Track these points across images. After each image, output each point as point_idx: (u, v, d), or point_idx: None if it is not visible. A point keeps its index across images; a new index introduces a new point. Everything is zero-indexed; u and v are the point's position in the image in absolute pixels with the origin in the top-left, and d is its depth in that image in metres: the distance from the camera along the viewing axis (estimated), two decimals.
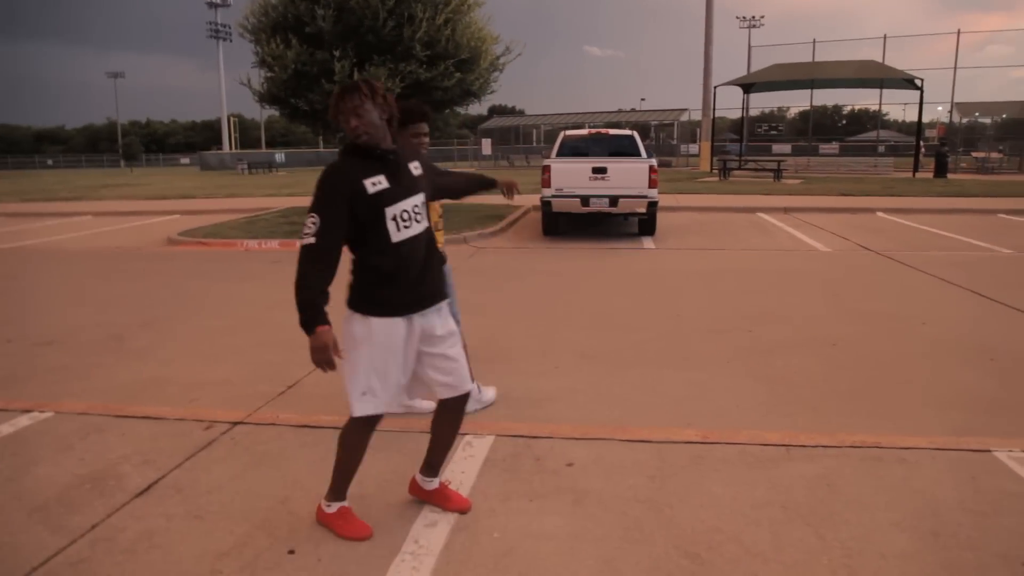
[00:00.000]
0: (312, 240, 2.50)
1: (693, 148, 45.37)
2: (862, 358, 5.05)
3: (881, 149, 45.36)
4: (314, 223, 2.50)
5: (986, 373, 4.66)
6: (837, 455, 3.44)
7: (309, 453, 3.56)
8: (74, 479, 3.28)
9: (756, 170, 27.67)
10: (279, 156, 52.13)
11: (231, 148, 66.37)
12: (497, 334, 5.81)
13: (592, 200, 10.81)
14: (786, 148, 40.85)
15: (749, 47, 37.83)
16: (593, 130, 12.82)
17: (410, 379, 2.76)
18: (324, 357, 2.50)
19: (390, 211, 2.57)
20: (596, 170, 10.79)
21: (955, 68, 32.39)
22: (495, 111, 68.56)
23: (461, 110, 15.75)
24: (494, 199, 17.81)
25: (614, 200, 10.77)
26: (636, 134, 12.10)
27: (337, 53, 11.63)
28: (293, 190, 24.43)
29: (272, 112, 14.60)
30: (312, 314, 2.49)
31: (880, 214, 14.77)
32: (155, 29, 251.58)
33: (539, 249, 10.54)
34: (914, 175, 26.77)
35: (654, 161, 11.10)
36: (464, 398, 2.83)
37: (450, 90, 12.78)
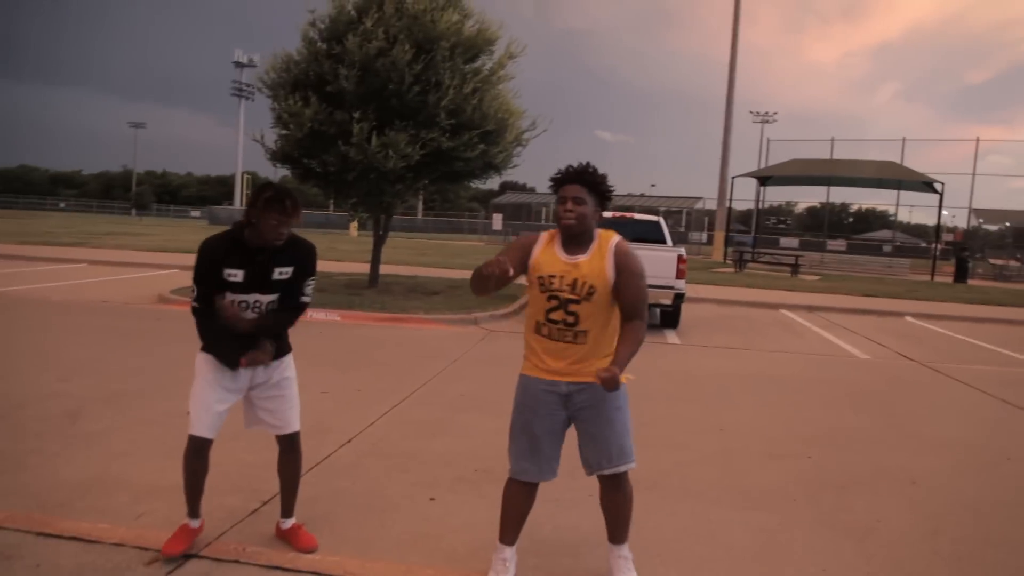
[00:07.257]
0: None
1: (702, 236, 45.29)
2: (954, 504, 4.21)
3: (888, 248, 45.14)
4: None
5: None
6: None
7: None
8: None
9: (772, 264, 27.18)
10: None
11: (243, 204, 66.67)
12: None
13: None
14: (793, 242, 40.65)
15: (762, 140, 38.37)
16: (617, 213, 11.97)
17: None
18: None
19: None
20: None
21: (973, 174, 32.43)
22: (507, 186, 68.98)
23: (480, 183, 15.08)
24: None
25: None
26: (662, 220, 11.51)
27: (357, 115, 11.14)
28: None
29: (286, 171, 13.92)
30: None
31: (909, 318, 14.06)
32: (181, 83, 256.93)
33: None
34: (932, 278, 26.25)
35: (682, 250, 10.45)
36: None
37: (471, 161, 12.19)
